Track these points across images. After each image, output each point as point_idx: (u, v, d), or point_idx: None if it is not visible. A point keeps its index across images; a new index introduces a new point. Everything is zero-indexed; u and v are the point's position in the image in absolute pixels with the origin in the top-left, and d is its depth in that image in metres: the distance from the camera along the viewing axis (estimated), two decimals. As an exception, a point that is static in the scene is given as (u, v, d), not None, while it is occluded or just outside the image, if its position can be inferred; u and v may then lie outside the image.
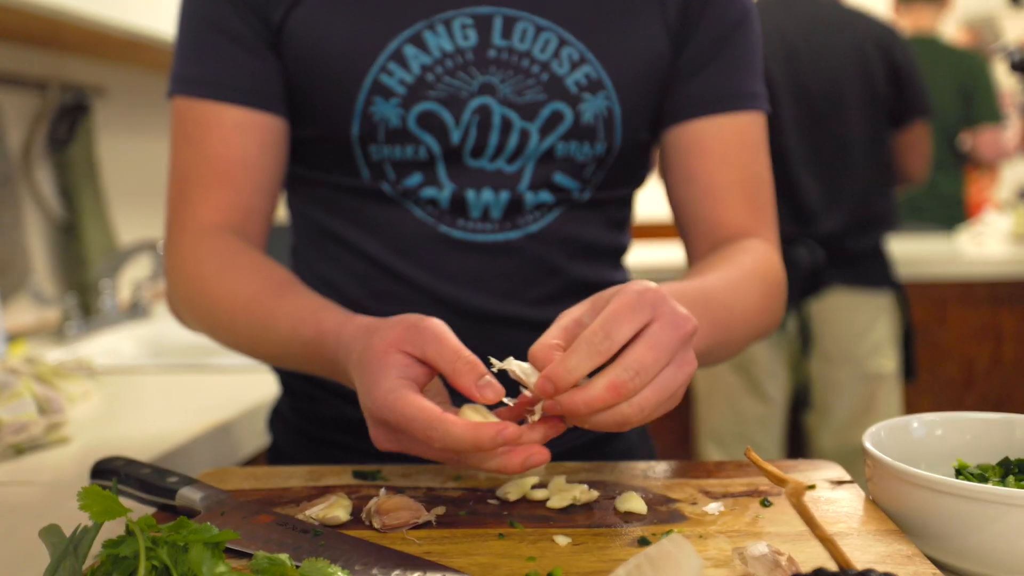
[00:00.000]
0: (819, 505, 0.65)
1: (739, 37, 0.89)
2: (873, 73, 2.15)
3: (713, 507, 0.65)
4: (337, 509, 0.65)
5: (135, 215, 2.19)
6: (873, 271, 2.21)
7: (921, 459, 0.68)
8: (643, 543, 0.60)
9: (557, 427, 0.63)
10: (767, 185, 0.91)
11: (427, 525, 0.64)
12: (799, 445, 2.37)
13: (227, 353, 1.49)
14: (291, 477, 0.75)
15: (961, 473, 0.67)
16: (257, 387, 1.27)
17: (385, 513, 0.63)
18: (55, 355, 1.51)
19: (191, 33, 0.88)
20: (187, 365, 1.49)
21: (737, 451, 2.23)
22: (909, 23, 3.22)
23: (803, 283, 2.13)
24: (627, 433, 0.98)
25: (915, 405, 2.46)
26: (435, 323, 0.65)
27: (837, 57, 2.14)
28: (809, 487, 0.68)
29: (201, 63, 0.87)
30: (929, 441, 0.70)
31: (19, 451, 0.99)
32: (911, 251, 2.63)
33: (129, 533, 0.52)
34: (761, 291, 0.83)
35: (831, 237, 2.14)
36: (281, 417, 1.00)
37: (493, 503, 0.68)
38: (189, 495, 0.67)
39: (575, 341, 0.60)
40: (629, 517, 0.65)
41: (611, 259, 0.95)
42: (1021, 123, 3.37)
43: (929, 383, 2.54)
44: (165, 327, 1.88)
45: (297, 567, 0.53)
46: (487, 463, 0.61)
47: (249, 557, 0.55)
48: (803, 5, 2.19)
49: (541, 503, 0.67)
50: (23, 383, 1.06)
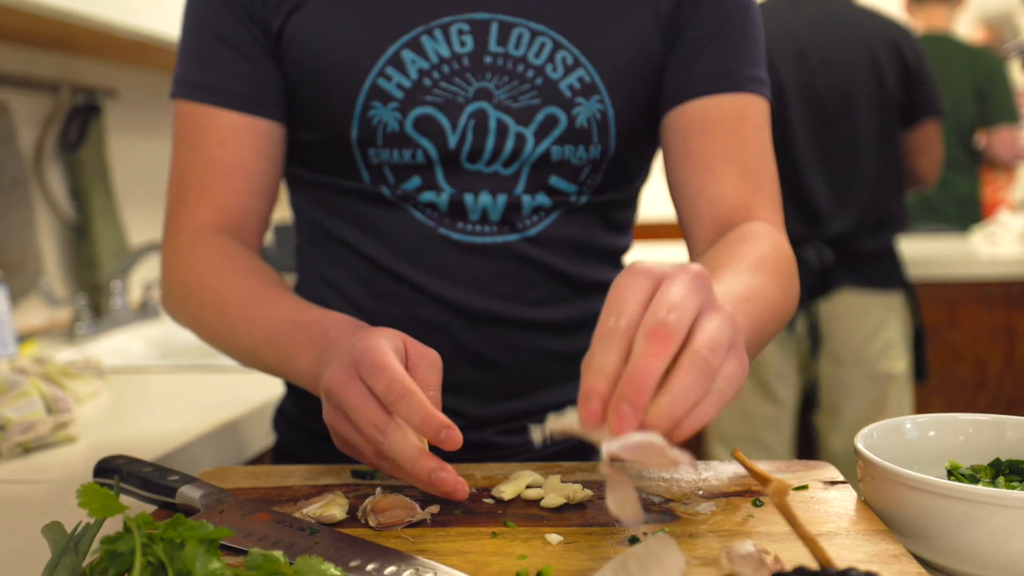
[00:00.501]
0: (810, 505, 0.66)
1: (739, 22, 0.88)
2: (883, 72, 2.12)
3: (705, 507, 0.66)
4: (334, 507, 0.66)
5: (146, 216, 2.21)
6: (883, 272, 2.18)
7: (914, 460, 0.68)
8: (633, 542, 0.60)
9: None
10: (768, 164, 0.88)
11: (422, 523, 0.64)
12: (809, 447, 2.36)
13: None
14: (290, 476, 0.76)
15: (952, 474, 0.67)
16: (263, 387, 1.28)
17: (380, 512, 0.64)
18: (66, 355, 1.53)
19: (192, 38, 0.90)
20: (195, 365, 1.51)
21: (747, 453, 2.22)
22: (922, 22, 3.17)
23: (812, 284, 2.12)
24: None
25: (926, 406, 2.44)
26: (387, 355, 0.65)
27: (847, 56, 2.11)
28: (801, 487, 0.69)
29: (201, 68, 0.88)
30: (922, 442, 0.70)
31: (27, 450, 1.00)
32: (924, 251, 2.61)
33: (127, 530, 0.53)
34: (780, 284, 0.79)
35: (841, 238, 2.12)
36: (285, 416, 1.01)
37: (488, 502, 0.68)
38: (189, 493, 0.68)
39: (635, 342, 0.52)
40: (622, 517, 0.65)
41: (611, 260, 0.96)
42: (1037, 123, 3.34)
43: (941, 384, 2.52)
44: (174, 327, 1.89)
45: (291, 564, 0.54)
46: (405, 476, 0.65)
47: (245, 554, 0.55)
48: (812, 4, 2.16)
49: (535, 502, 0.68)
50: (31, 383, 1.07)
